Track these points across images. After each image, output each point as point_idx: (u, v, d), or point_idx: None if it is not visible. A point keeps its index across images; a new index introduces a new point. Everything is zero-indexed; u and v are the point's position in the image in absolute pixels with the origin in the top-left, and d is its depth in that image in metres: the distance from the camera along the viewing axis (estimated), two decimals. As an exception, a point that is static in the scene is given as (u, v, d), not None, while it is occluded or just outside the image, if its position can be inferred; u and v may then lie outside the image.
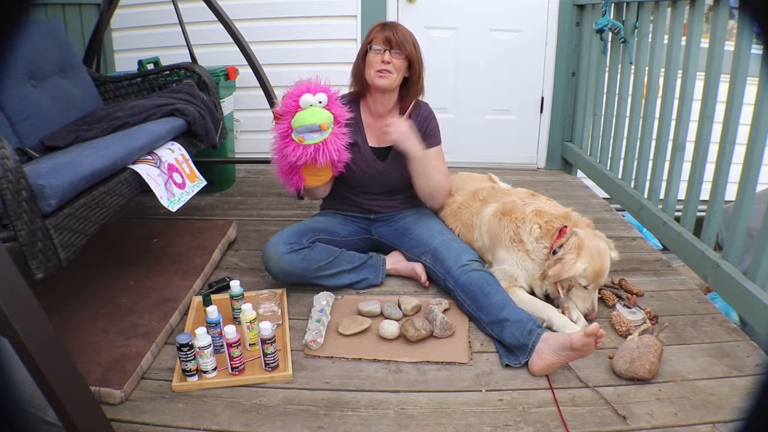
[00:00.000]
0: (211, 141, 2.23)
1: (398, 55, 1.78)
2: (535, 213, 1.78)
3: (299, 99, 1.65)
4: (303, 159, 1.65)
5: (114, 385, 1.36)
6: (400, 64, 1.79)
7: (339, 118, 1.71)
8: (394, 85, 1.82)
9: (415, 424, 1.30)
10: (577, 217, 1.78)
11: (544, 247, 1.74)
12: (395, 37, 1.77)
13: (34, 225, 1.26)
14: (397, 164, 1.91)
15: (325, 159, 1.67)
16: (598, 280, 1.66)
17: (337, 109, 1.71)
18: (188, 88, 2.25)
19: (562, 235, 1.72)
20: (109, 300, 1.74)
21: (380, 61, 1.77)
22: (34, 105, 1.91)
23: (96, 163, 1.49)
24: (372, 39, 1.80)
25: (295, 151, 1.65)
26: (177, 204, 1.78)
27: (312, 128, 1.63)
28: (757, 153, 1.65)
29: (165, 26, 3.01)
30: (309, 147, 1.64)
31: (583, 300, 1.68)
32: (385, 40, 1.77)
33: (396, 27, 1.81)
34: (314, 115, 1.63)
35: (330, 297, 1.79)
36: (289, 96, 1.68)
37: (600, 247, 1.67)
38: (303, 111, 1.64)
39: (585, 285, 1.66)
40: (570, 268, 1.62)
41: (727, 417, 1.30)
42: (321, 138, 1.65)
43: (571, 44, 3.16)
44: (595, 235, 1.72)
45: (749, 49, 1.71)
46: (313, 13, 3.17)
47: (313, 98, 1.65)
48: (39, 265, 1.28)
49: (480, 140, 3.41)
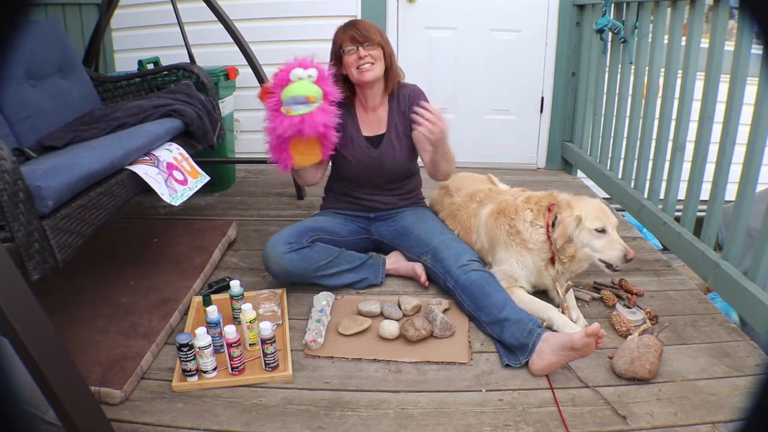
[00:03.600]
0: (208, 142, 2.23)
1: (370, 47, 1.81)
2: (525, 200, 1.83)
3: (290, 72, 1.67)
4: (289, 131, 1.67)
5: (114, 385, 1.36)
6: (377, 54, 1.82)
7: (329, 95, 1.73)
8: (379, 75, 1.85)
9: (415, 424, 1.30)
10: (558, 192, 1.83)
11: (540, 227, 1.76)
12: (360, 32, 1.80)
13: (31, 226, 1.26)
14: (390, 149, 1.94)
15: (310, 131, 1.67)
16: (608, 217, 1.68)
17: (328, 87, 1.73)
18: (186, 88, 2.25)
19: (551, 211, 1.76)
20: (109, 300, 1.74)
21: (357, 58, 1.80)
22: (32, 105, 1.91)
23: (93, 165, 1.49)
24: (340, 44, 1.83)
25: (282, 122, 1.67)
26: (180, 199, 1.78)
27: (299, 100, 1.66)
28: (757, 153, 1.65)
29: (165, 26, 3.00)
30: (295, 118, 1.66)
31: (611, 246, 1.64)
32: (351, 39, 1.81)
33: (357, 23, 1.84)
34: (302, 87, 1.66)
35: (330, 297, 1.79)
36: (281, 70, 1.70)
37: (589, 199, 1.76)
38: (293, 83, 1.67)
39: (600, 227, 1.64)
40: (570, 222, 1.66)
41: (727, 417, 1.30)
42: (308, 110, 1.67)
43: (571, 44, 3.16)
44: (580, 197, 1.78)
45: (749, 49, 1.71)
46: (313, 13, 3.17)
47: (303, 72, 1.67)
48: (35, 266, 1.28)
49: (480, 140, 3.41)
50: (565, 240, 1.67)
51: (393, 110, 1.95)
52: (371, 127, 1.96)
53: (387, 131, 1.95)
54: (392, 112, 1.95)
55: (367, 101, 1.93)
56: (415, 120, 1.73)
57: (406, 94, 1.95)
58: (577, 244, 1.68)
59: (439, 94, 3.26)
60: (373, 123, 1.95)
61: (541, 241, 1.75)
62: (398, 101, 1.95)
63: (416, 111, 1.71)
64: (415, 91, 1.97)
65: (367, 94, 1.91)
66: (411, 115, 1.81)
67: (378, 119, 1.96)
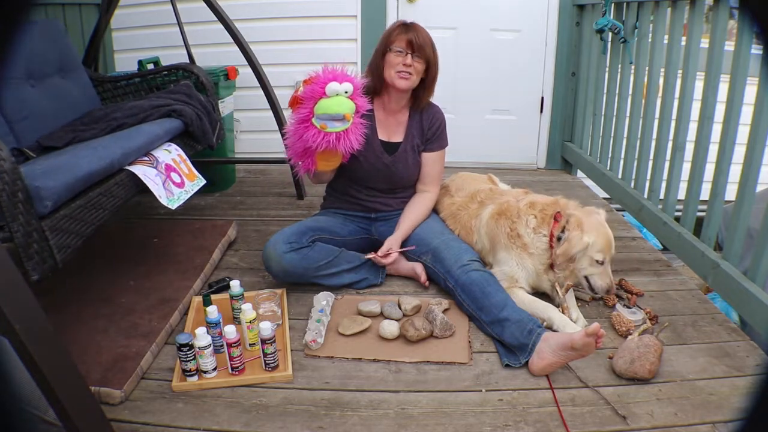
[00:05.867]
0: (208, 142, 2.23)
1: (419, 58, 1.79)
2: (528, 205, 1.81)
3: (325, 86, 1.64)
4: (323, 146, 1.66)
5: (114, 385, 1.36)
6: (421, 68, 1.81)
7: (360, 108, 1.71)
8: (412, 87, 1.85)
9: (415, 424, 1.30)
10: (565, 201, 1.81)
11: (543, 236, 1.75)
12: (417, 40, 1.77)
13: (30, 226, 1.26)
14: (404, 160, 1.93)
15: (345, 148, 1.67)
16: (611, 251, 1.70)
17: (360, 100, 1.70)
18: (186, 88, 2.25)
19: (557, 221, 1.74)
20: (109, 300, 1.74)
21: (402, 63, 1.78)
22: (32, 105, 1.91)
23: (92, 165, 1.49)
24: (394, 40, 1.80)
25: (315, 137, 1.65)
26: (176, 202, 1.78)
27: (336, 117, 1.63)
28: (757, 153, 1.65)
29: (165, 26, 3.00)
30: (331, 135, 1.65)
31: (602, 277, 1.70)
32: (407, 42, 1.78)
33: (417, 29, 1.81)
34: (340, 104, 1.63)
35: (330, 297, 1.79)
36: (314, 81, 1.66)
37: (599, 220, 1.73)
38: (328, 99, 1.63)
39: (601, 259, 1.68)
40: (577, 243, 1.66)
41: (727, 417, 1.30)
42: (344, 127, 1.65)
43: (571, 44, 3.16)
44: (589, 211, 1.76)
45: (749, 49, 1.71)
46: (313, 13, 3.17)
47: (340, 87, 1.64)
48: (35, 266, 1.28)
49: (480, 140, 3.41)
50: (567, 259, 1.68)
51: (414, 121, 1.95)
52: (388, 132, 1.95)
53: (404, 141, 1.94)
54: (412, 123, 1.95)
55: (390, 104, 1.92)
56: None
57: (432, 114, 1.96)
58: (575, 263, 1.70)
59: (439, 94, 3.26)
60: (391, 127, 1.95)
61: (543, 248, 1.75)
62: (422, 116, 1.95)
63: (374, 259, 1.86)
64: (440, 115, 1.99)
65: (392, 98, 1.90)
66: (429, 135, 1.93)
67: (396, 123, 1.95)
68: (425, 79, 1.86)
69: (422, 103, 1.93)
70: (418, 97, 1.91)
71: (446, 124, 2.00)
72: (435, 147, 1.97)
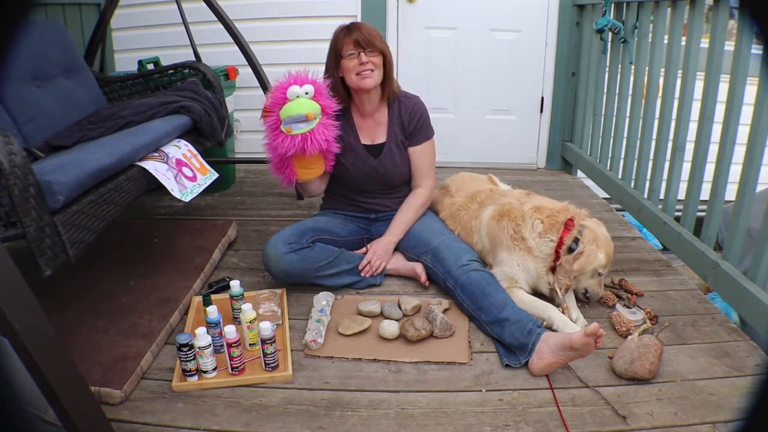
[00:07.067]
0: (217, 138, 2.23)
1: (372, 53, 1.79)
2: (534, 209, 1.80)
3: (286, 91, 1.67)
4: (291, 150, 1.68)
5: (114, 385, 1.36)
6: (378, 61, 1.81)
7: (327, 109, 1.73)
8: (378, 82, 1.84)
9: (415, 424, 1.30)
10: (575, 209, 1.81)
11: (550, 240, 1.75)
12: (363, 36, 1.78)
13: (42, 221, 1.26)
14: (390, 159, 1.93)
15: (313, 148, 1.69)
16: (611, 262, 1.76)
17: (325, 101, 1.72)
18: (193, 86, 2.25)
19: (569, 229, 1.73)
20: (109, 300, 1.74)
21: (358, 64, 1.78)
22: (38, 106, 1.92)
23: (103, 160, 1.50)
24: (342, 46, 1.80)
25: (283, 142, 1.68)
26: (190, 195, 1.79)
27: (298, 118, 1.66)
28: (757, 153, 1.65)
29: (165, 26, 3.01)
30: (296, 137, 1.67)
31: (599, 285, 1.76)
32: (355, 43, 1.78)
33: (360, 27, 1.81)
34: (300, 106, 1.66)
35: (330, 297, 1.79)
36: (276, 89, 1.70)
37: (606, 234, 1.76)
38: (290, 102, 1.67)
39: (603, 272, 1.74)
40: (594, 260, 1.68)
41: (727, 417, 1.30)
42: (308, 128, 1.67)
43: (571, 44, 3.16)
44: (597, 223, 1.78)
45: (749, 49, 1.71)
46: (313, 13, 3.17)
47: (300, 89, 1.67)
48: (48, 261, 1.27)
49: (480, 140, 3.41)
50: (581, 273, 1.69)
51: (393, 118, 1.94)
52: (370, 135, 1.95)
53: (387, 140, 1.94)
54: (392, 120, 1.94)
55: (364, 107, 1.92)
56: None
57: (410, 106, 1.94)
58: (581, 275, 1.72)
59: (439, 94, 3.27)
60: (372, 129, 1.95)
61: (547, 253, 1.75)
62: (400, 111, 1.94)
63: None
64: (419, 106, 1.96)
65: (363, 100, 1.90)
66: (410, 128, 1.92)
67: (376, 125, 1.95)
68: (384, 71, 1.85)
69: (389, 92, 1.91)
70: (384, 88, 1.90)
71: (429, 114, 1.98)
72: (420, 139, 1.96)
